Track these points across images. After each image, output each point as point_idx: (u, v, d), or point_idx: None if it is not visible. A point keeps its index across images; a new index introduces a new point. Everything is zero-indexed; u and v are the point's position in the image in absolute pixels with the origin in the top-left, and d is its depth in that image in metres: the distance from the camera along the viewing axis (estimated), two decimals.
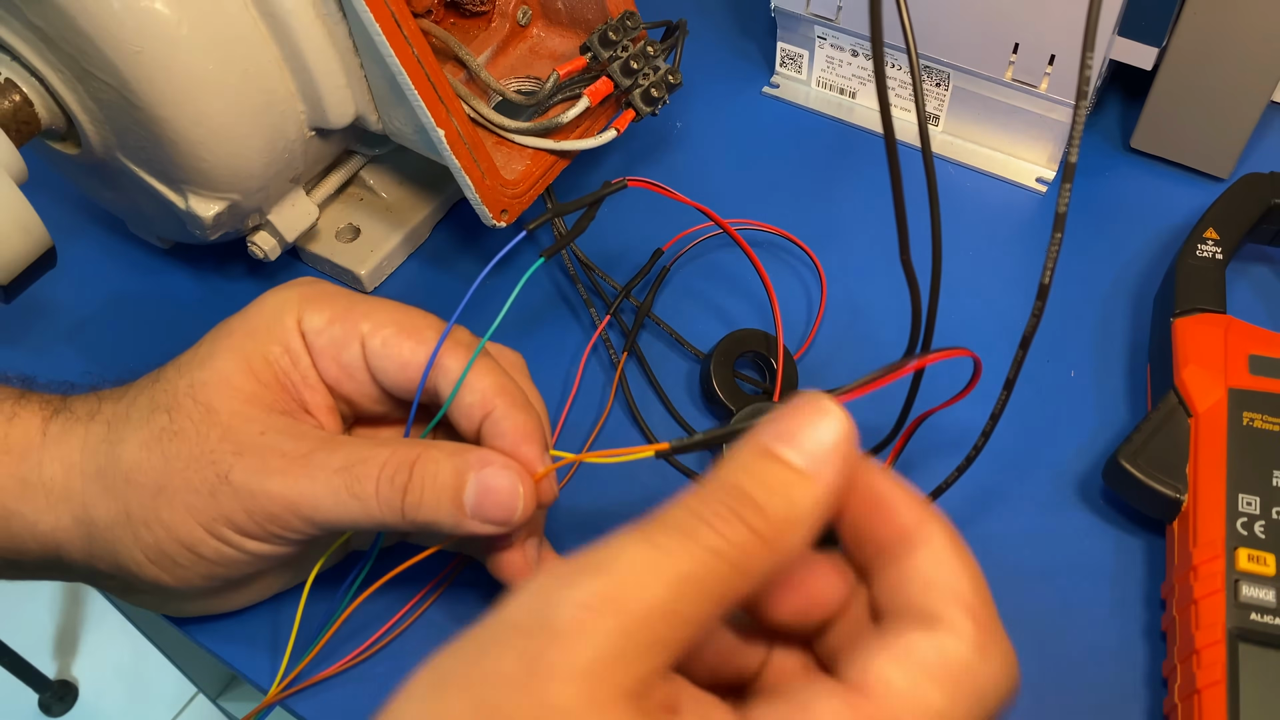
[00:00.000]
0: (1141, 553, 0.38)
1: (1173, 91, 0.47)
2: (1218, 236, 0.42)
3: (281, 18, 0.37)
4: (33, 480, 0.32)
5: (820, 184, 0.50)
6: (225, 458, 0.31)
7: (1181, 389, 0.38)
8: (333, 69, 0.39)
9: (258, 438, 0.32)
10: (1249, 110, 0.46)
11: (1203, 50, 0.45)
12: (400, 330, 0.33)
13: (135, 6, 0.35)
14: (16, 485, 0.32)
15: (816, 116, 0.53)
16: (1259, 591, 0.33)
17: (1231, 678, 0.32)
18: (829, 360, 0.44)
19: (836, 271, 0.46)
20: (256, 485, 0.31)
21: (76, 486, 0.32)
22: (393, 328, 0.33)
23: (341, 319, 0.34)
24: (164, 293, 0.47)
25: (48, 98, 0.39)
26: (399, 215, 0.47)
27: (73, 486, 0.32)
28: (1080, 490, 0.40)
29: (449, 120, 0.39)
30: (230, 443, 0.31)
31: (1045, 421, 0.42)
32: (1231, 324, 0.39)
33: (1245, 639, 0.33)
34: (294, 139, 0.40)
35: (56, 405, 0.34)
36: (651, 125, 0.53)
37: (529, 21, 0.46)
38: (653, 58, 0.43)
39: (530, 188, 0.42)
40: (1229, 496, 0.35)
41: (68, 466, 0.32)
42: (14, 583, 0.36)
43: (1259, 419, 0.36)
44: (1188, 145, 0.48)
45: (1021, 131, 0.49)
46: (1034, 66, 0.46)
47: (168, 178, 0.40)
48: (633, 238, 0.47)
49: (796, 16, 0.50)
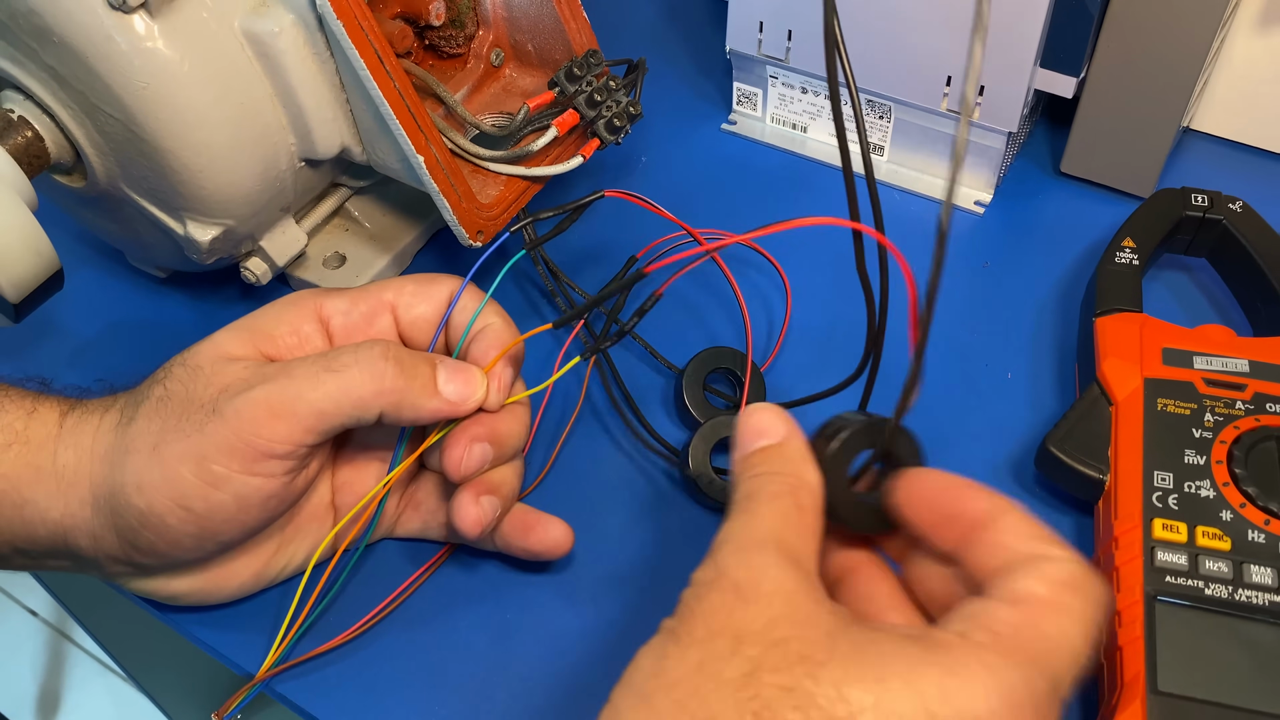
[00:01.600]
0: (1073, 532, 0.41)
1: (1095, 118, 0.51)
2: (1134, 245, 0.45)
3: (275, 57, 0.41)
4: (46, 468, 0.35)
5: (776, 212, 0.54)
6: (210, 396, 0.34)
7: (1103, 380, 0.41)
8: (321, 104, 0.43)
9: (241, 371, 0.34)
10: (1163, 134, 0.50)
11: (1118, 80, 0.49)
12: (420, 288, 0.39)
13: (141, 47, 0.39)
14: (31, 473, 0.34)
15: (771, 150, 0.57)
16: (1172, 556, 0.36)
17: (1149, 633, 0.35)
18: (795, 370, 0.47)
19: (797, 284, 0.50)
20: (241, 400, 0.33)
21: (85, 468, 0.35)
22: (413, 286, 0.38)
23: (363, 297, 0.38)
24: (162, 317, 0.50)
25: (58, 133, 0.42)
26: (384, 243, 0.51)
27: (82, 469, 0.35)
28: (1017, 478, 0.43)
29: (428, 148, 0.42)
30: (215, 385, 0.34)
31: (985, 420, 0.45)
32: (1146, 321, 0.43)
33: (1161, 599, 0.36)
34: (285, 168, 0.44)
35: (74, 402, 0.37)
36: (618, 160, 0.56)
37: (502, 62, 0.50)
38: (615, 91, 0.47)
39: (504, 210, 0.45)
40: (1145, 474, 0.38)
41: (79, 451, 0.35)
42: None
43: (1171, 404, 0.40)
44: (1112, 168, 0.52)
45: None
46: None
47: (168, 205, 0.43)
48: (610, 257, 0.51)
49: (750, 58, 0.55)
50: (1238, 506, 0.37)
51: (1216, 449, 0.38)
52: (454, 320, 0.39)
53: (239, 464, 0.34)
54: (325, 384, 0.34)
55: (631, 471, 0.44)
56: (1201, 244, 0.47)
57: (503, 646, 0.39)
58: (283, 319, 0.37)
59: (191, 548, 0.35)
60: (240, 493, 0.34)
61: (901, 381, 0.30)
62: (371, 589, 0.40)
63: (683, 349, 0.46)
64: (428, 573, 0.41)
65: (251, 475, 0.34)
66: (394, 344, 0.36)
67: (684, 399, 0.44)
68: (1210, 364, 0.41)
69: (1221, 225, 0.46)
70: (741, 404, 0.44)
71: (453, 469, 0.36)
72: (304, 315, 0.37)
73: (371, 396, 0.34)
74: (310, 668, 0.38)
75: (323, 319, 0.37)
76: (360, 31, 0.40)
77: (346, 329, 0.38)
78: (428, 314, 0.39)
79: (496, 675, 0.38)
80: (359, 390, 0.34)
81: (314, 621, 0.39)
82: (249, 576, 0.38)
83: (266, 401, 0.33)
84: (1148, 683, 0.34)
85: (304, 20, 0.41)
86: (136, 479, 0.34)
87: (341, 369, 0.34)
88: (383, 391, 0.34)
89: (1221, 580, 0.36)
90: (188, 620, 0.40)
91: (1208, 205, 0.46)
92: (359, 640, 0.39)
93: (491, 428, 0.37)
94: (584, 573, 0.41)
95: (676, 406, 0.46)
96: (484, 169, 0.46)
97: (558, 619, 0.40)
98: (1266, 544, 0.36)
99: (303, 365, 0.34)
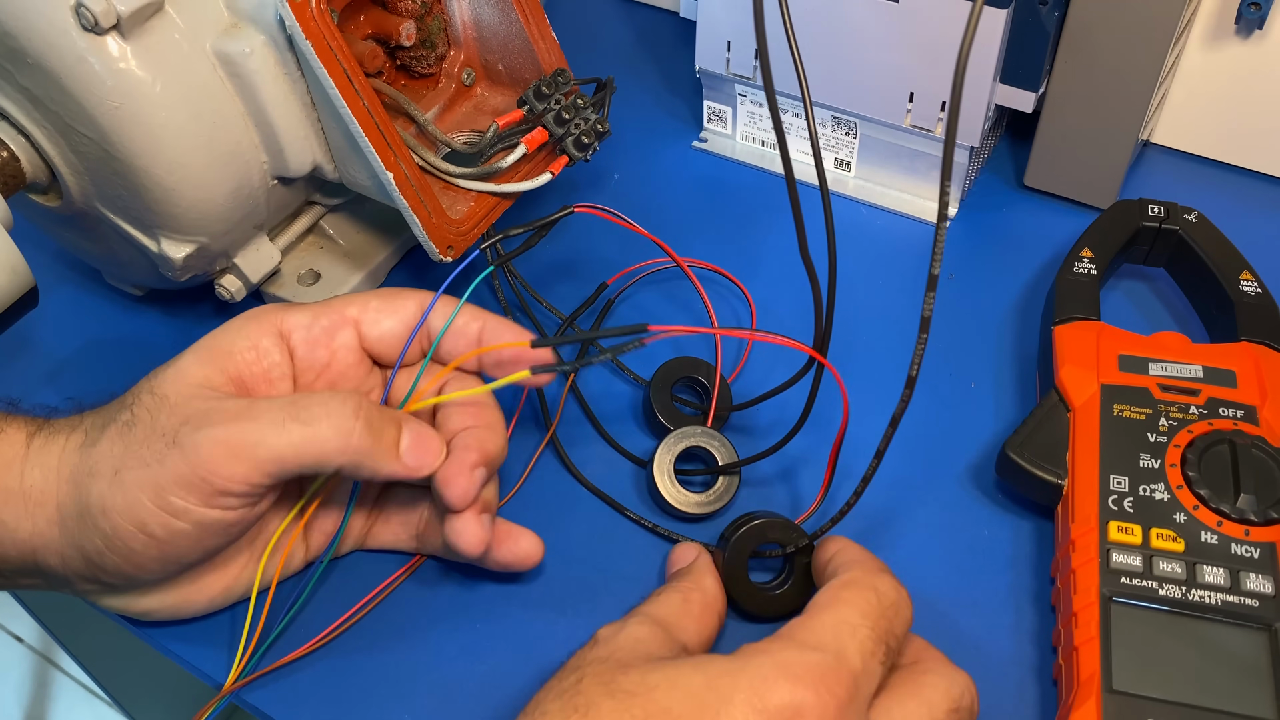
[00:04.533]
0: (1034, 537, 0.42)
1: (1055, 133, 0.52)
2: (1092, 255, 0.46)
3: (246, 77, 0.42)
4: (14, 489, 0.35)
5: (746, 226, 0.55)
6: (173, 427, 0.34)
7: (1061, 387, 0.42)
8: (293, 122, 0.44)
9: (203, 404, 0.34)
10: (1122, 147, 0.51)
11: (1077, 95, 0.50)
12: (385, 304, 0.39)
13: (114, 68, 0.40)
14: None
15: (742, 166, 0.58)
16: (1127, 558, 0.37)
17: (1105, 633, 0.36)
18: (759, 380, 0.48)
19: (764, 301, 0.51)
20: (201, 436, 0.33)
21: (51, 489, 0.35)
22: (378, 302, 0.39)
23: (325, 312, 0.38)
24: (138, 335, 0.51)
25: (33, 153, 0.43)
26: (357, 260, 0.51)
27: (48, 490, 0.35)
28: (978, 484, 0.44)
29: (397, 165, 0.43)
30: (177, 417, 0.34)
31: (949, 428, 0.46)
32: (1103, 329, 0.44)
33: (1116, 600, 0.36)
34: (258, 186, 0.45)
35: (41, 423, 0.37)
36: (591, 177, 0.57)
37: (473, 82, 0.51)
38: (583, 109, 0.47)
39: (474, 226, 0.46)
40: (1102, 477, 0.39)
41: (46, 472, 0.35)
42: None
43: (1127, 409, 0.41)
44: (1073, 181, 0.53)
45: (924, 174, 0.54)
46: (928, 113, 0.51)
47: (142, 223, 0.44)
48: (582, 272, 0.52)
49: (719, 76, 0.56)
50: (1191, 509, 0.38)
51: (1170, 453, 0.39)
52: (430, 329, 0.39)
53: (196, 498, 0.34)
54: (290, 433, 0.34)
55: (600, 480, 0.44)
56: (1159, 254, 0.48)
57: (473, 656, 0.39)
58: (242, 334, 0.37)
59: (156, 570, 0.36)
60: (200, 521, 0.34)
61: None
62: (341, 598, 0.40)
63: (653, 362, 0.47)
64: (397, 582, 0.41)
65: (209, 508, 0.34)
66: (365, 400, 0.36)
67: (653, 408, 0.45)
68: (1165, 370, 0.42)
69: (1177, 235, 0.47)
70: (709, 414, 0.45)
71: (460, 500, 0.37)
72: (264, 330, 0.37)
73: (335, 453, 0.35)
74: (278, 676, 0.39)
75: (283, 334, 0.38)
76: (329, 52, 0.41)
77: (307, 343, 0.38)
78: (395, 328, 0.39)
79: (467, 685, 0.39)
80: (324, 445, 0.34)
81: (282, 631, 0.39)
82: (219, 592, 0.39)
83: (227, 441, 0.33)
84: (1103, 681, 0.35)
85: (275, 41, 0.42)
86: (101, 502, 0.34)
87: (309, 421, 0.34)
88: (347, 449, 0.35)
89: (1175, 581, 0.36)
90: (162, 635, 0.40)
91: (1164, 216, 0.47)
92: (330, 650, 0.39)
93: (482, 451, 0.38)
94: (553, 583, 0.41)
95: (645, 416, 0.46)
96: (454, 185, 0.47)
97: (527, 628, 0.40)
98: (1219, 545, 0.37)
99: (269, 409, 0.34)
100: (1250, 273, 0.45)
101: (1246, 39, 0.51)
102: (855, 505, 0.38)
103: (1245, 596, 0.36)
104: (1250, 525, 0.37)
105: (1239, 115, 0.54)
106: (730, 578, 0.39)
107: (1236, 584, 0.36)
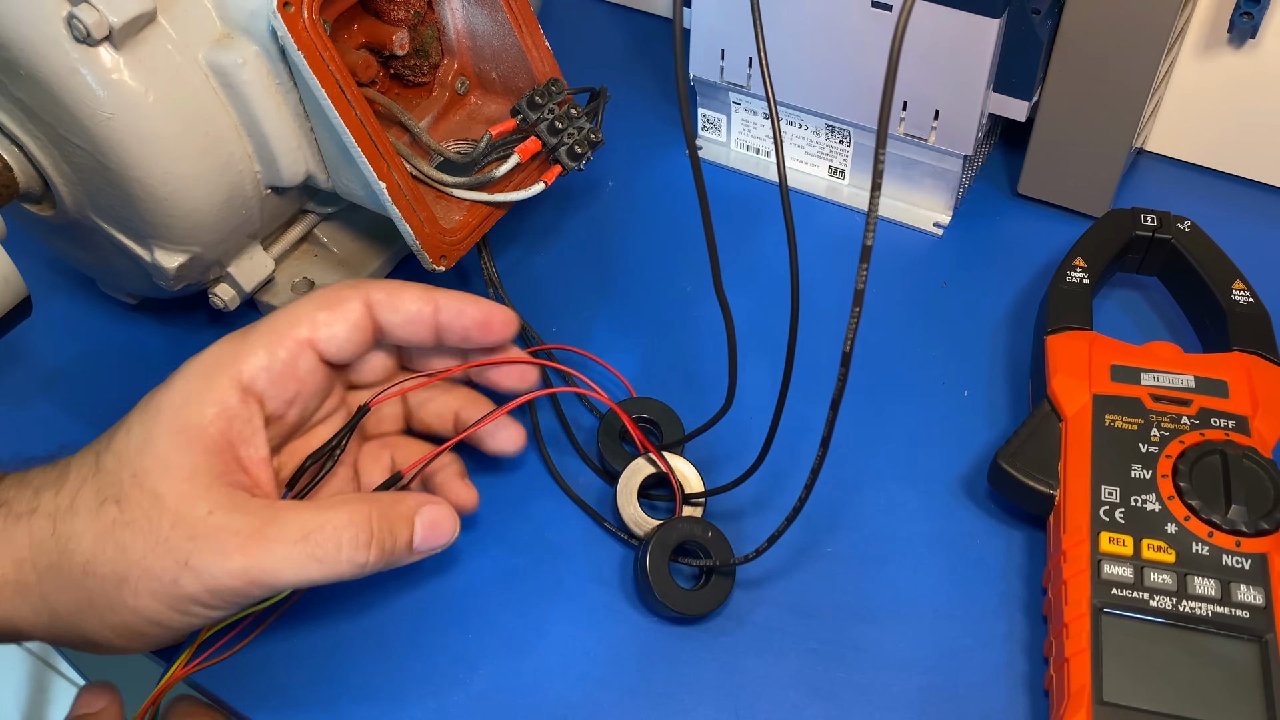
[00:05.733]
0: (1026, 547, 0.42)
1: (1049, 141, 0.52)
2: (1085, 264, 0.46)
3: (239, 88, 0.42)
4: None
5: (740, 233, 0.55)
6: (181, 545, 0.34)
7: (1053, 397, 0.42)
8: (285, 132, 0.44)
9: (207, 518, 0.34)
10: (1115, 155, 0.51)
11: (1070, 103, 0.50)
12: (331, 314, 0.39)
13: (106, 79, 0.40)
14: None
15: (737, 174, 0.58)
16: (1118, 569, 0.37)
17: (1095, 644, 0.36)
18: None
19: (754, 312, 0.51)
20: (217, 568, 0.34)
21: (31, 581, 0.34)
22: (324, 314, 0.39)
23: (278, 343, 0.37)
24: (133, 344, 0.51)
25: (26, 163, 0.43)
26: (351, 269, 0.51)
27: (27, 581, 0.34)
28: (970, 494, 0.44)
29: (390, 174, 0.43)
30: (183, 529, 0.34)
31: (942, 436, 0.46)
32: (1095, 339, 0.44)
33: (1108, 611, 0.36)
34: (251, 196, 0.45)
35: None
36: (585, 186, 0.57)
37: (467, 90, 0.51)
38: (576, 119, 0.47)
39: (467, 235, 0.46)
40: (1093, 488, 0.39)
41: (18, 563, 0.34)
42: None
43: (1119, 420, 0.41)
44: (1067, 189, 0.54)
45: (918, 182, 0.54)
46: (922, 121, 0.51)
47: (135, 233, 0.44)
48: (574, 288, 0.52)
49: (713, 84, 0.56)
50: (1182, 520, 0.38)
51: (1162, 463, 0.39)
52: (442, 321, 0.40)
53: (216, 607, 0.35)
54: (309, 570, 0.35)
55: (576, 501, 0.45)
56: (1152, 263, 0.48)
57: (461, 663, 0.40)
58: (207, 402, 0.36)
59: (165, 644, 0.37)
60: (219, 617, 0.36)
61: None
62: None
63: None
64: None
65: (228, 610, 0.36)
66: (377, 512, 0.36)
67: (601, 453, 0.45)
68: (1157, 380, 0.42)
69: (1170, 244, 0.47)
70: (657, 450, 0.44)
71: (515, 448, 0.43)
72: (225, 389, 0.36)
73: (350, 576, 0.36)
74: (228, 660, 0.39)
75: (245, 386, 0.36)
76: (321, 62, 0.41)
77: (273, 385, 0.37)
78: (345, 332, 0.39)
79: (457, 691, 0.39)
80: (340, 573, 0.35)
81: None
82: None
83: (246, 575, 0.34)
84: (1094, 693, 0.35)
85: (267, 52, 0.42)
86: (106, 601, 0.34)
87: (325, 559, 0.35)
88: (363, 571, 0.36)
89: (1166, 592, 0.36)
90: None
91: (1157, 225, 0.47)
92: (320, 649, 0.40)
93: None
94: (532, 587, 0.42)
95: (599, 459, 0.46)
96: (447, 195, 0.47)
97: (510, 632, 0.40)
98: (1210, 556, 0.37)
99: (283, 535, 0.34)
100: (1243, 282, 0.45)
101: (1239, 48, 0.51)
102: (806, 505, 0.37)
103: (1236, 608, 0.36)
104: (1241, 536, 0.37)
105: (1232, 123, 0.54)
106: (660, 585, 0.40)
107: (1227, 595, 0.36)
